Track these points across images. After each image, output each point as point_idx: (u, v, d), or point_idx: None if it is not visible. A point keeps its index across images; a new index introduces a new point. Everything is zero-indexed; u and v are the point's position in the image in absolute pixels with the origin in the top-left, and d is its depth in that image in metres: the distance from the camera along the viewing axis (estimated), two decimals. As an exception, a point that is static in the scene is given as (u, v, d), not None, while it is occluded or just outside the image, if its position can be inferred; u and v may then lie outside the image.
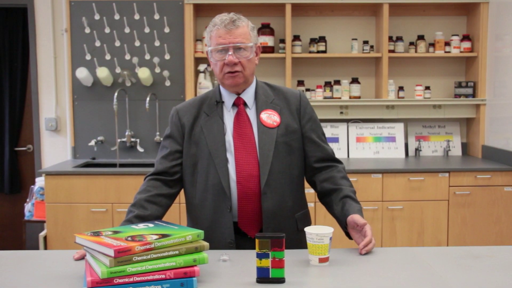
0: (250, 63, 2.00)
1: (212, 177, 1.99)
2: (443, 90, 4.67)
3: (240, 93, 2.06)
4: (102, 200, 3.93)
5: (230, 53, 1.94)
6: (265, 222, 1.97)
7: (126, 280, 1.45)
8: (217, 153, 1.99)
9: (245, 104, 2.06)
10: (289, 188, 2.03)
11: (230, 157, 2.00)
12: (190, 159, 2.04)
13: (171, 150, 2.06)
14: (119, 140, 4.50)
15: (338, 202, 2.00)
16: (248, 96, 2.06)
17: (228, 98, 2.06)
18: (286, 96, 2.10)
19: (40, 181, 4.17)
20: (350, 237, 1.94)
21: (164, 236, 1.55)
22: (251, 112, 2.05)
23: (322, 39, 4.46)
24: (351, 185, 2.07)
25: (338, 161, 2.13)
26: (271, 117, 2.04)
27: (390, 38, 4.45)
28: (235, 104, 2.06)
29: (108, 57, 4.49)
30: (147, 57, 4.50)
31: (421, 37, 4.48)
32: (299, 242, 1.95)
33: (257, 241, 1.55)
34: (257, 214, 1.98)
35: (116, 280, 1.44)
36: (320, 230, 1.72)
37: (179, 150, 2.06)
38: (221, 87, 2.09)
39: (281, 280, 1.55)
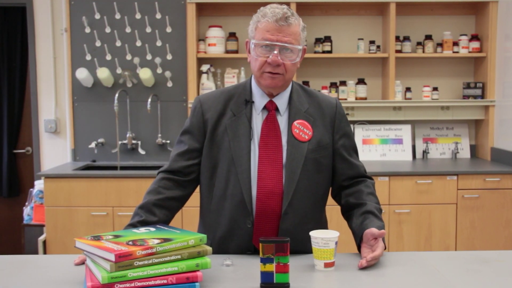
0: (293, 67, 1.81)
1: (232, 186, 1.83)
2: (451, 91, 4.60)
3: (274, 95, 1.88)
4: (102, 204, 3.88)
5: (275, 52, 1.76)
6: None
7: (127, 285, 1.44)
8: (240, 161, 1.82)
9: (276, 109, 1.88)
10: (311, 209, 1.89)
11: (253, 167, 1.83)
12: (210, 160, 1.88)
13: (188, 147, 1.89)
14: (120, 142, 4.44)
15: (359, 216, 1.84)
16: (282, 101, 1.88)
17: (260, 99, 1.88)
18: (322, 105, 1.92)
19: (39, 184, 4.14)
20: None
21: (166, 240, 1.52)
22: (282, 120, 1.87)
23: (328, 39, 4.41)
24: (377, 202, 1.90)
25: (368, 177, 1.98)
26: (303, 129, 1.86)
27: (397, 38, 4.39)
28: (265, 108, 1.88)
29: (108, 57, 4.43)
30: (149, 57, 4.44)
31: (428, 37, 4.42)
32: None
33: (261, 245, 1.52)
34: (273, 234, 1.83)
35: (116, 286, 1.43)
36: (326, 234, 1.68)
37: (197, 149, 1.89)
38: (253, 85, 1.91)
39: (285, 285, 1.53)
